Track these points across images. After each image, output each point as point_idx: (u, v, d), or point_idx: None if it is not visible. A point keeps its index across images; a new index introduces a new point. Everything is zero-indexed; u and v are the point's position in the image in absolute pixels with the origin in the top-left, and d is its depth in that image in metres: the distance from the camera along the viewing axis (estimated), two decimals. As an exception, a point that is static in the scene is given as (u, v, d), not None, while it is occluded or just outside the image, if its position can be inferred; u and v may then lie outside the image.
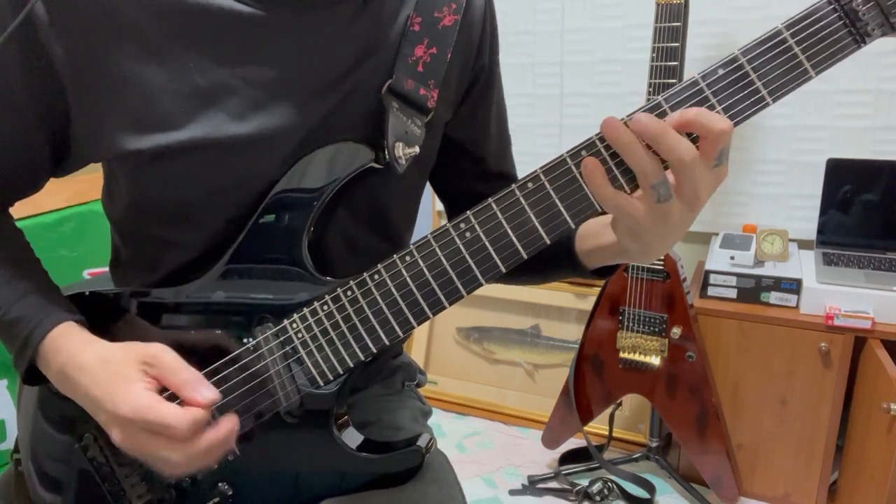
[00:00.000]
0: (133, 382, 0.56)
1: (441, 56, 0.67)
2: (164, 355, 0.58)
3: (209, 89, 0.60)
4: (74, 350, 0.60)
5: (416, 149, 0.66)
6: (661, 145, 0.51)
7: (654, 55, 1.52)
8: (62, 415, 0.70)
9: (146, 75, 0.59)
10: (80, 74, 0.59)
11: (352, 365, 0.64)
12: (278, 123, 0.62)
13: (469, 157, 0.80)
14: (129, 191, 0.65)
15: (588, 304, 1.90)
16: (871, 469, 1.50)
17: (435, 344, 2.34)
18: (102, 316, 0.66)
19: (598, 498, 1.76)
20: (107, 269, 0.80)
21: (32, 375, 0.64)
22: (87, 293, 0.68)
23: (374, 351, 0.63)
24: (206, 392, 0.57)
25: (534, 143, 2.15)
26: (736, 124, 0.52)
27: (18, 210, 0.71)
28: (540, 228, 0.58)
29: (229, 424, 0.58)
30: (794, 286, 1.66)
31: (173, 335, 0.67)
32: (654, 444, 1.84)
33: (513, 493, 1.84)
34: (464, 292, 0.60)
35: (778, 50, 0.51)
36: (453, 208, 0.86)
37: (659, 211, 0.53)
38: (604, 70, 2.00)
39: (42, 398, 0.71)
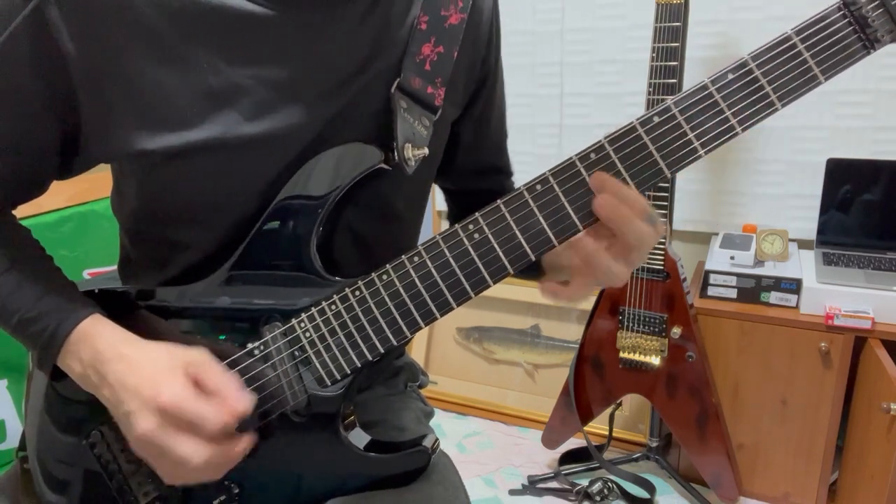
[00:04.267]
0: (176, 377, 0.58)
1: (448, 55, 0.67)
2: (207, 358, 0.60)
3: (221, 90, 0.60)
4: (113, 339, 0.61)
5: (426, 150, 0.66)
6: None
7: (654, 55, 1.52)
8: (70, 412, 0.70)
9: (159, 75, 0.59)
10: (92, 73, 0.58)
11: (359, 365, 0.64)
12: (289, 123, 0.62)
13: (468, 153, 0.80)
14: (140, 192, 0.65)
15: (588, 304, 1.90)
16: (871, 469, 1.50)
17: (435, 344, 2.34)
18: (111, 313, 0.67)
19: (598, 498, 1.76)
20: (107, 269, 0.80)
21: (58, 370, 0.64)
22: (96, 290, 0.68)
23: (382, 351, 0.63)
24: (242, 402, 0.58)
25: (534, 143, 2.15)
26: (745, 129, 0.53)
27: (19, 210, 0.71)
28: (548, 230, 0.58)
29: (244, 445, 0.60)
30: (794, 286, 1.66)
31: (181, 333, 0.67)
32: (654, 444, 1.85)
33: (513, 493, 1.84)
34: (472, 293, 0.60)
35: (788, 55, 0.52)
36: (454, 204, 0.88)
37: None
38: (604, 70, 1.99)
39: (50, 395, 0.71)
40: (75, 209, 1.59)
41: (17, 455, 0.78)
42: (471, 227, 0.59)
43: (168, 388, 0.56)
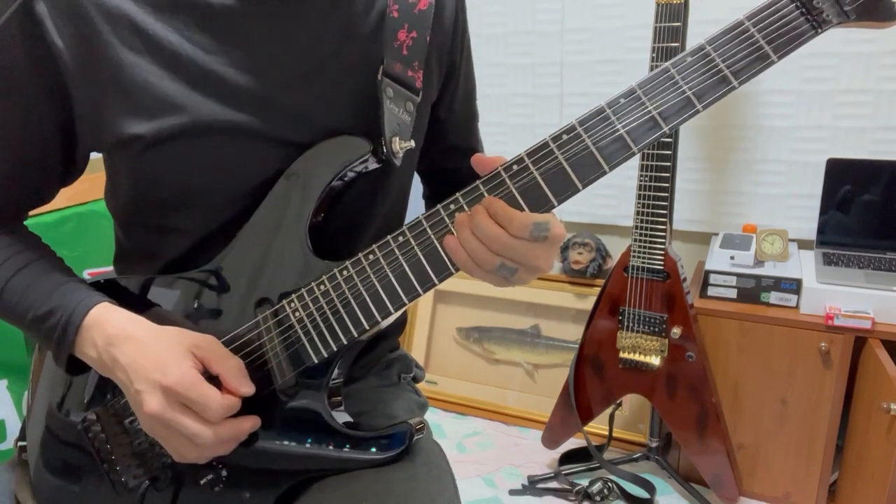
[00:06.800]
0: (183, 359, 0.61)
1: (421, 39, 0.70)
2: (213, 343, 0.64)
3: (200, 77, 0.63)
4: (123, 322, 0.64)
5: (412, 143, 0.69)
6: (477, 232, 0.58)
7: (654, 55, 1.52)
8: (70, 401, 0.72)
9: (143, 65, 0.62)
10: (81, 66, 0.61)
11: (345, 342, 0.66)
12: (265, 108, 0.65)
13: (439, 133, 0.83)
14: (130, 179, 0.68)
15: (588, 304, 1.90)
16: (871, 469, 1.50)
17: (435, 344, 2.34)
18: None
19: (598, 498, 1.76)
20: (106, 269, 0.81)
21: (73, 362, 0.66)
22: (88, 282, 0.70)
23: (367, 327, 0.65)
24: (245, 386, 0.62)
25: (534, 143, 2.15)
26: (705, 107, 0.57)
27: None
28: (525, 208, 0.60)
29: (252, 422, 0.64)
30: (794, 286, 1.66)
31: (176, 317, 0.69)
32: (654, 444, 1.85)
33: (513, 493, 1.84)
34: (452, 269, 0.63)
35: (741, 38, 0.56)
36: (427, 184, 0.91)
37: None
38: (604, 70, 2.00)
39: (54, 386, 0.73)
40: (75, 209, 1.59)
41: (16, 444, 0.79)
42: (452, 206, 0.62)
43: (174, 369, 0.59)
